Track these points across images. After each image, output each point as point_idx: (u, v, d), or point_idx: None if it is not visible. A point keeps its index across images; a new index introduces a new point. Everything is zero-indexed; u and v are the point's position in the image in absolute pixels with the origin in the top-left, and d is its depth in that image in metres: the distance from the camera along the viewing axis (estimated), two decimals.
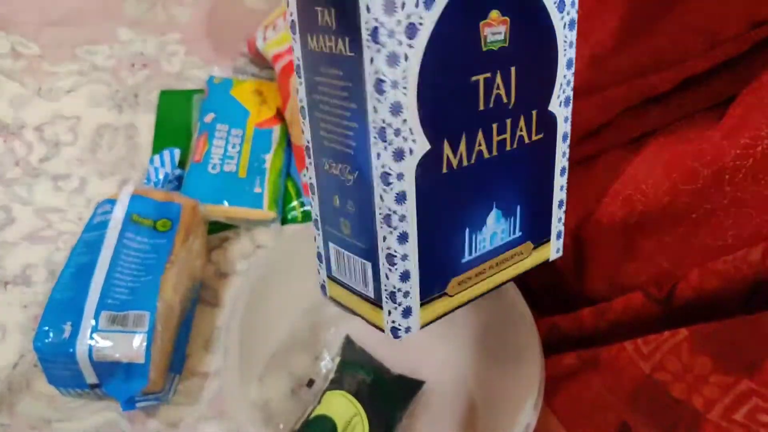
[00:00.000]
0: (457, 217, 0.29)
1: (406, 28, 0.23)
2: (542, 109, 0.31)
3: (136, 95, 0.79)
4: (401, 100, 0.24)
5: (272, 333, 0.59)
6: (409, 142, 0.25)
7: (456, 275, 0.30)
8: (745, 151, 0.37)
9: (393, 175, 0.25)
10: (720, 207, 0.39)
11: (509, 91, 0.29)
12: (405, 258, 0.27)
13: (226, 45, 0.86)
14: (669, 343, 0.38)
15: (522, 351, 0.49)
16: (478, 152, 0.29)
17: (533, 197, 0.33)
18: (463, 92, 0.27)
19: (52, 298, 0.52)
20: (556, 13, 0.29)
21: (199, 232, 0.61)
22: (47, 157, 0.72)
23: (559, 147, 0.32)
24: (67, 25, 0.86)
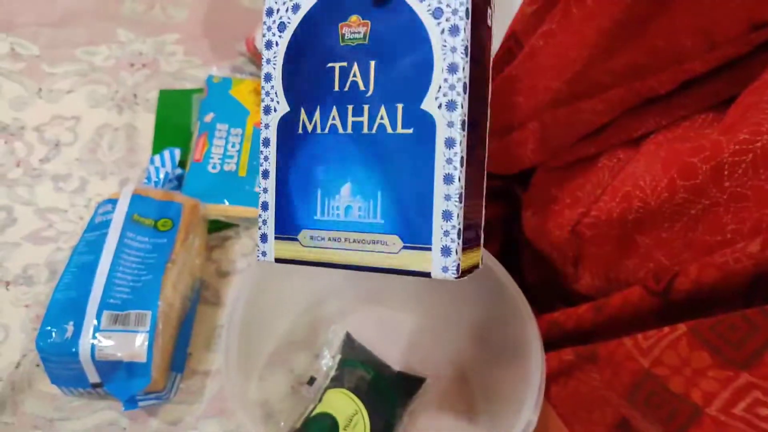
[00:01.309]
0: (310, 174, 0.35)
1: (278, 25, 0.34)
2: (411, 105, 0.32)
3: (136, 95, 0.79)
4: (271, 72, 0.34)
5: (272, 331, 0.59)
6: (274, 103, 0.35)
7: (307, 228, 0.35)
8: (744, 147, 0.37)
9: (263, 124, 0.35)
10: (719, 202, 0.39)
11: (367, 81, 0.33)
12: (266, 191, 0.35)
13: (224, 44, 0.86)
14: (668, 338, 0.38)
15: (523, 348, 0.49)
16: (332, 125, 0.34)
17: (400, 190, 0.33)
18: (319, 74, 0.34)
19: (54, 297, 0.52)
20: (431, 19, 0.31)
21: (199, 231, 0.61)
22: (48, 157, 0.72)
23: (439, 150, 0.31)
24: (65, 26, 0.86)
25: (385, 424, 0.51)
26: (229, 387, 0.46)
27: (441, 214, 0.32)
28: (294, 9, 0.34)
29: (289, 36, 0.34)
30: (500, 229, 0.61)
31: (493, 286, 0.53)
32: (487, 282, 0.53)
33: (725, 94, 0.43)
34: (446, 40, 0.31)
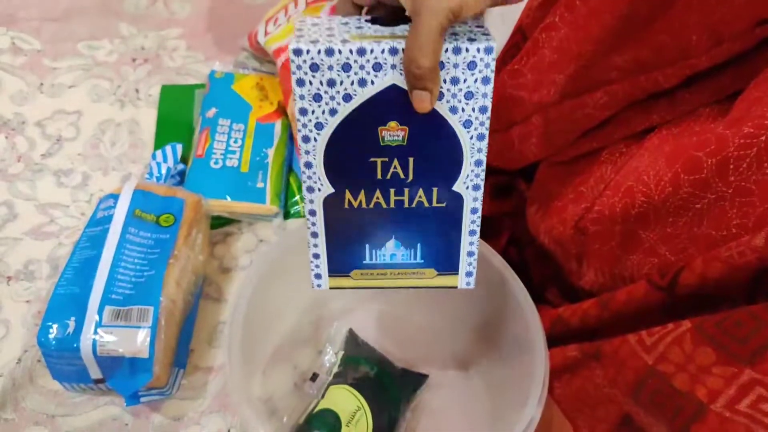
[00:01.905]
0: (358, 235, 0.41)
1: (315, 124, 0.36)
2: (445, 187, 0.39)
3: (138, 90, 0.79)
4: (312, 161, 0.37)
5: (276, 328, 0.59)
6: (318, 185, 0.38)
7: (358, 269, 0.42)
8: (749, 141, 0.37)
9: (307, 201, 0.39)
10: (724, 197, 0.38)
11: (407, 171, 0.38)
12: (316, 246, 0.41)
13: (227, 40, 0.86)
14: (672, 335, 0.38)
15: (526, 344, 0.49)
16: (377, 202, 0.39)
17: (436, 242, 0.41)
18: (362, 165, 0.38)
19: (55, 293, 0.52)
20: (462, 129, 0.36)
21: (201, 227, 0.61)
22: (49, 152, 0.72)
23: (466, 216, 0.40)
24: (68, 20, 0.86)
25: (388, 420, 0.51)
26: (232, 383, 0.46)
27: (466, 253, 0.42)
28: (331, 113, 0.35)
29: (328, 135, 0.36)
30: (506, 224, 0.60)
31: (496, 283, 0.52)
32: (491, 278, 0.52)
33: (730, 88, 0.43)
34: (474, 143, 0.37)
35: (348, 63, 0.34)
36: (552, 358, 0.48)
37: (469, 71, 0.34)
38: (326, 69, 0.34)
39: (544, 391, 0.46)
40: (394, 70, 0.34)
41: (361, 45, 0.33)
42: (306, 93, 0.35)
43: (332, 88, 0.35)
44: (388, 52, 0.33)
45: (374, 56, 0.34)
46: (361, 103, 0.35)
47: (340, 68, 0.34)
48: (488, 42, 0.34)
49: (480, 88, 0.35)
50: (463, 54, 0.34)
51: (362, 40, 0.34)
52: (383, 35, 0.34)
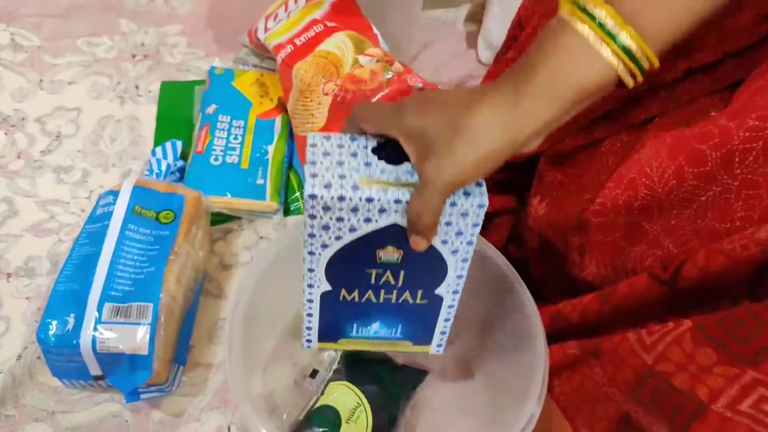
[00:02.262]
0: (348, 317, 0.46)
1: (321, 245, 0.40)
2: (429, 291, 0.44)
3: (138, 87, 0.79)
4: (314, 268, 0.42)
5: (276, 324, 0.59)
6: (317, 282, 0.43)
7: (345, 337, 0.48)
8: (754, 134, 0.36)
9: (306, 291, 0.44)
10: (730, 189, 0.38)
11: (397, 279, 0.43)
12: (310, 321, 0.47)
13: (227, 36, 0.86)
14: (672, 334, 0.38)
15: (526, 341, 0.49)
16: (367, 298, 0.44)
17: (415, 325, 0.47)
18: (359, 274, 0.42)
19: (55, 290, 0.52)
20: (450, 255, 0.41)
21: (201, 224, 0.61)
22: (49, 149, 0.72)
23: (443, 311, 0.46)
24: (68, 17, 0.86)
25: (388, 416, 0.51)
26: (232, 379, 0.46)
27: (440, 332, 0.48)
28: (336, 239, 0.39)
29: (331, 253, 0.40)
30: (507, 221, 0.60)
31: (497, 280, 0.52)
32: (491, 275, 0.52)
33: (731, 78, 0.42)
34: (458, 264, 0.42)
35: (357, 207, 0.37)
36: (552, 355, 0.47)
37: (462, 218, 0.38)
38: (336, 210, 0.38)
39: (543, 388, 0.45)
40: (397, 213, 0.38)
41: (369, 194, 0.37)
42: (316, 224, 0.39)
43: (340, 222, 0.39)
44: (393, 201, 0.37)
45: (381, 203, 0.37)
46: (365, 234, 0.39)
47: (349, 210, 0.38)
48: (481, 198, 0.38)
49: (469, 230, 0.39)
50: (458, 206, 0.38)
51: (370, 187, 0.37)
52: (389, 181, 0.38)
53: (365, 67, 0.69)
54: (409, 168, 0.38)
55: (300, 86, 0.71)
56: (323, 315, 0.46)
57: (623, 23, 0.33)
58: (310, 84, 0.70)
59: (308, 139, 0.39)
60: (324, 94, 0.70)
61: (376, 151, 0.39)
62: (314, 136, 0.40)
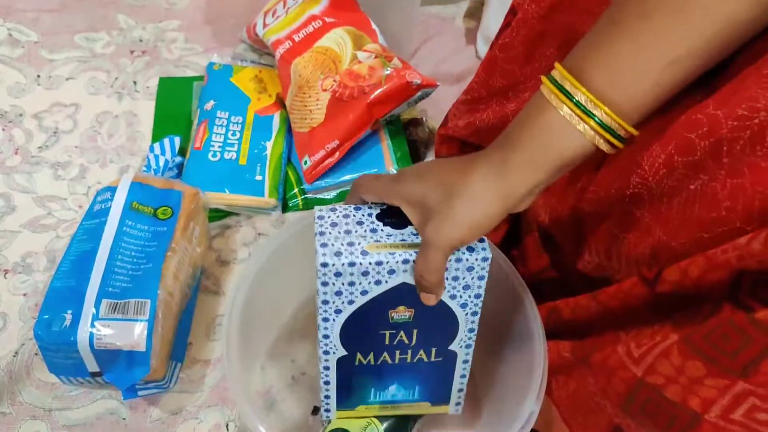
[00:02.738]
0: (366, 382, 0.47)
1: (335, 310, 0.42)
2: (443, 347, 0.46)
3: (136, 82, 0.79)
4: (329, 334, 0.43)
5: (274, 321, 0.59)
6: (333, 349, 0.44)
7: (364, 404, 0.49)
8: (742, 123, 0.36)
9: (322, 359, 0.45)
10: (716, 178, 0.38)
11: (411, 339, 0.44)
12: (327, 390, 0.47)
13: (225, 31, 0.85)
14: (659, 347, 0.38)
15: (526, 339, 0.48)
16: (383, 360, 0.46)
17: (431, 385, 0.48)
18: (373, 336, 0.44)
19: (52, 286, 0.51)
20: (459, 309, 0.43)
21: (199, 220, 0.61)
22: (46, 145, 0.72)
23: (458, 367, 0.47)
24: (65, 12, 0.85)
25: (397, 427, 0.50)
26: (230, 376, 0.45)
27: (457, 390, 0.49)
28: (349, 303, 0.41)
29: (345, 317, 0.42)
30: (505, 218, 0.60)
31: (496, 278, 0.52)
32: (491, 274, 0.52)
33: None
34: (468, 318, 0.44)
35: (367, 270, 0.40)
36: (548, 351, 0.47)
37: (468, 272, 0.41)
38: (348, 275, 0.40)
39: (542, 385, 0.45)
40: (405, 273, 0.40)
41: (378, 258, 0.39)
42: (329, 290, 0.41)
43: (352, 286, 0.41)
44: (401, 262, 0.40)
45: (389, 265, 0.40)
46: (376, 295, 0.41)
47: (360, 274, 0.40)
48: (485, 253, 0.40)
49: (476, 282, 0.42)
50: (463, 262, 0.40)
51: (378, 251, 0.40)
52: (395, 244, 0.40)
53: (364, 62, 0.69)
54: (412, 230, 0.41)
55: (298, 82, 0.71)
56: (340, 382, 0.47)
57: (598, 102, 0.37)
58: (308, 80, 0.70)
59: (315, 212, 0.43)
60: (323, 90, 0.69)
61: (380, 218, 0.42)
62: (321, 209, 0.43)
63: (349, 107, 0.68)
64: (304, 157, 0.69)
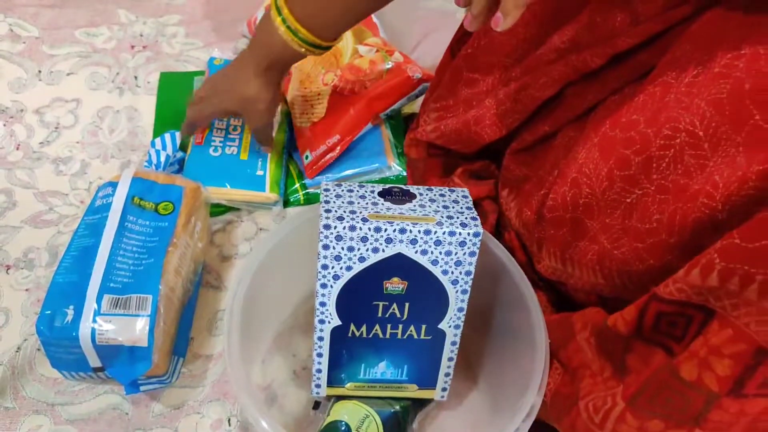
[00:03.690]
0: (356, 357, 0.49)
1: (333, 276, 0.44)
2: (432, 325, 0.47)
3: (137, 77, 0.79)
4: (326, 302, 0.46)
5: (275, 316, 0.59)
6: (328, 318, 0.47)
7: (353, 382, 0.51)
8: (667, 142, 0.40)
9: (317, 328, 0.47)
10: (648, 192, 0.41)
11: (402, 312, 0.47)
12: (320, 363, 0.49)
13: (226, 26, 0.85)
14: (614, 413, 0.40)
15: (527, 332, 0.48)
16: (375, 333, 0.48)
17: (420, 365, 0.50)
18: (367, 307, 0.46)
19: (54, 281, 0.51)
20: (450, 286, 0.45)
21: (201, 215, 0.61)
22: (48, 140, 0.72)
23: (447, 347, 0.49)
24: (66, 6, 0.85)
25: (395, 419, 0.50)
26: (231, 371, 0.45)
27: (444, 374, 0.51)
28: (347, 269, 0.44)
29: (342, 284, 0.44)
30: (492, 208, 0.60)
31: (497, 271, 0.52)
32: (491, 266, 0.52)
33: (647, 65, 0.46)
34: (458, 296, 0.46)
35: (366, 236, 0.42)
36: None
37: (460, 247, 0.44)
38: (348, 239, 0.42)
39: (544, 377, 0.45)
40: (401, 243, 0.43)
41: (377, 225, 0.42)
42: (329, 254, 0.43)
43: (351, 252, 0.43)
44: (398, 231, 0.42)
45: (387, 233, 0.42)
46: (373, 263, 0.44)
47: (359, 240, 0.42)
48: (476, 228, 0.43)
49: (467, 259, 0.44)
50: (456, 236, 0.43)
51: (378, 219, 0.42)
52: (394, 215, 0.43)
53: (365, 56, 0.69)
54: (411, 207, 0.45)
55: (299, 76, 0.70)
56: (333, 355, 0.48)
57: (299, 26, 0.54)
58: (309, 74, 0.70)
59: (322, 186, 0.46)
60: (323, 84, 0.69)
61: (381, 195, 0.46)
62: (327, 184, 0.46)
63: (350, 102, 0.67)
64: (306, 151, 0.69)
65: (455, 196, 0.47)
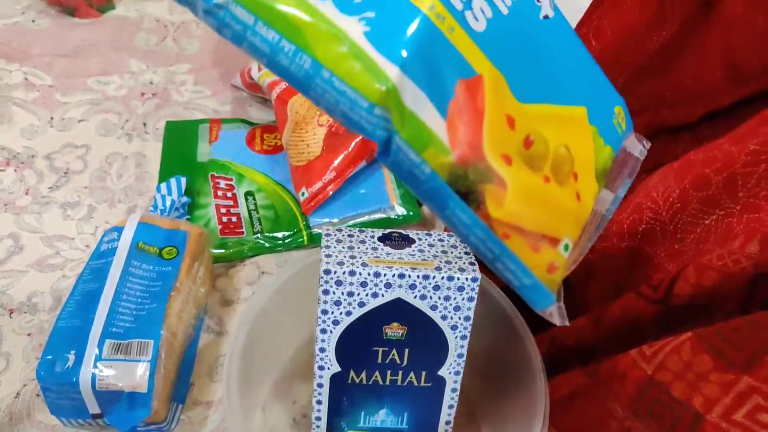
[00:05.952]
0: (356, 404, 0.49)
1: (332, 321, 0.44)
2: (432, 371, 0.47)
3: (146, 124, 0.80)
4: (325, 347, 0.46)
5: (275, 362, 0.58)
6: (327, 364, 0.46)
7: (353, 430, 0.50)
8: (755, 158, 0.37)
9: (316, 375, 0.47)
10: (732, 213, 0.39)
11: (402, 358, 0.46)
12: (319, 411, 0.49)
13: (234, 75, 0.87)
14: (672, 344, 0.38)
15: (527, 376, 0.48)
16: (374, 380, 0.47)
17: (420, 413, 0.49)
18: (367, 353, 0.46)
19: (56, 326, 0.52)
20: (450, 331, 0.45)
21: (204, 260, 0.61)
22: (57, 185, 0.73)
23: (447, 395, 0.48)
24: (79, 56, 0.88)
25: None
26: (231, 418, 0.45)
27: (444, 422, 0.50)
28: (347, 314, 0.44)
29: (342, 329, 0.45)
30: None
31: (496, 315, 0.52)
32: (490, 310, 0.52)
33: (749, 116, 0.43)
34: (458, 341, 0.46)
35: (365, 281, 0.43)
36: (557, 386, 0.47)
37: (458, 292, 0.44)
38: (348, 284, 0.43)
39: (546, 421, 0.45)
40: (400, 288, 0.43)
41: (377, 269, 0.43)
42: (329, 299, 0.44)
43: (350, 297, 0.44)
44: (397, 276, 0.43)
45: (386, 278, 0.43)
46: (372, 308, 0.44)
47: (359, 284, 0.43)
48: (474, 273, 0.43)
49: (465, 304, 0.44)
50: (454, 281, 0.43)
51: (378, 264, 0.43)
52: (393, 260, 0.44)
53: None
54: (410, 251, 0.45)
55: (295, 118, 0.72)
56: (332, 402, 0.48)
57: None
58: (305, 116, 0.72)
59: (323, 231, 0.47)
60: (319, 125, 0.71)
61: (381, 240, 0.46)
62: (328, 229, 0.47)
63: (345, 141, 0.69)
64: (302, 189, 0.70)
65: (453, 241, 0.47)
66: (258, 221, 0.70)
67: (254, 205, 0.71)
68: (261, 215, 0.70)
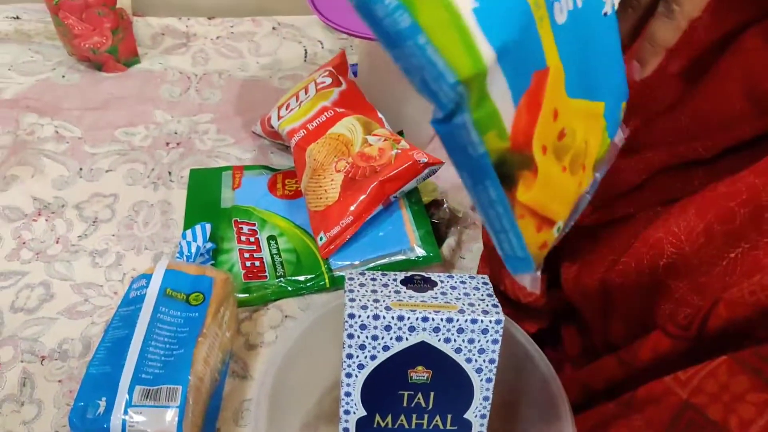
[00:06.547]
0: None
1: (358, 365, 0.45)
2: (458, 415, 0.47)
3: (170, 173, 0.83)
4: (351, 392, 0.46)
5: (301, 405, 0.59)
6: (353, 409, 0.47)
7: None
8: None
9: (342, 420, 0.48)
10: (758, 245, 0.39)
11: (428, 402, 0.47)
12: None
13: (253, 123, 0.90)
14: (708, 368, 0.38)
15: (553, 419, 0.48)
16: (400, 424, 0.48)
17: None
18: (392, 397, 0.46)
19: (88, 373, 0.53)
20: (475, 374, 0.46)
21: (229, 305, 0.63)
22: (86, 234, 0.75)
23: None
24: (107, 109, 0.92)
25: None
26: None
27: None
28: (371, 358, 0.45)
29: (367, 373, 0.46)
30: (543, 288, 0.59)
31: (520, 358, 0.52)
32: (514, 354, 0.52)
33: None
34: (483, 384, 0.46)
35: (389, 325, 0.44)
36: (585, 419, 0.47)
37: (482, 335, 0.44)
38: (372, 328, 0.44)
39: None
40: (424, 331, 0.44)
41: (401, 313, 0.43)
42: (354, 343, 0.44)
43: (375, 341, 0.44)
44: (421, 320, 0.44)
45: (410, 322, 0.44)
46: (397, 352, 0.45)
47: (383, 328, 0.44)
48: (498, 315, 0.44)
49: (490, 347, 0.45)
50: (478, 323, 0.44)
51: (401, 308, 0.44)
52: (416, 303, 0.45)
53: (374, 145, 0.73)
54: (432, 295, 0.46)
55: (313, 165, 0.75)
56: None
57: None
58: (323, 163, 0.74)
59: (346, 275, 0.48)
60: (336, 171, 0.73)
61: (403, 283, 0.47)
62: (351, 273, 0.48)
63: (362, 185, 0.71)
64: (320, 233, 0.72)
65: (475, 283, 0.48)
66: (281, 265, 0.71)
67: (276, 249, 0.73)
68: (283, 259, 0.72)
